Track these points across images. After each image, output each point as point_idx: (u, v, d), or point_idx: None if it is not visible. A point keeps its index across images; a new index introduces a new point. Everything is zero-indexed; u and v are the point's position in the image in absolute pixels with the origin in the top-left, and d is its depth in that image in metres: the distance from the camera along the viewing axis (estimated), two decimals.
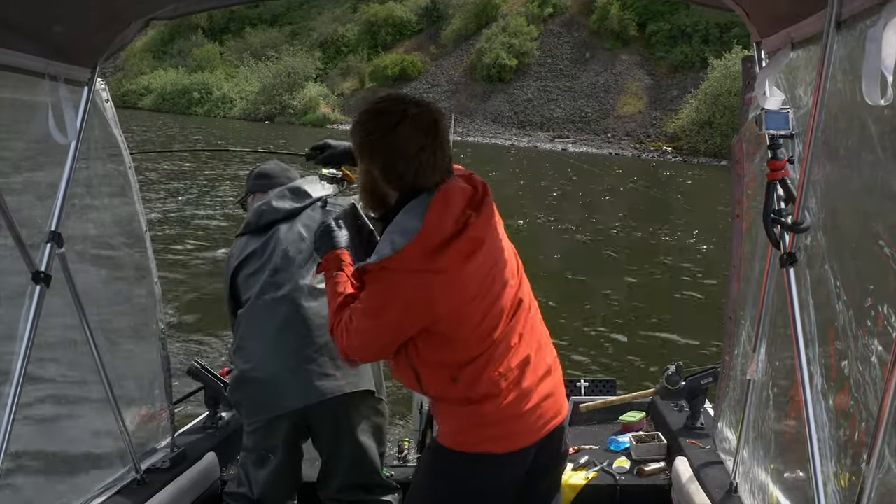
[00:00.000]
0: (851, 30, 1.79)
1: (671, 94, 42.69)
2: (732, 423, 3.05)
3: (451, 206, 1.96)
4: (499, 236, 2.10)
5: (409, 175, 1.97)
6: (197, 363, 3.63)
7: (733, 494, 2.83)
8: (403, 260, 1.90)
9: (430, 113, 1.99)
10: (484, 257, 2.00)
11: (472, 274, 1.97)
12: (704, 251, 14.78)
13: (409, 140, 1.94)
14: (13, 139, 2.63)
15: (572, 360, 8.36)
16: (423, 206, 1.95)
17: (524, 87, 49.19)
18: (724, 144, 35.71)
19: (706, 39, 43.21)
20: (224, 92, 55.85)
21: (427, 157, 1.96)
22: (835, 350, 2.01)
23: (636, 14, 46.76)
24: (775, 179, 2.29)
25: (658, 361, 7.48)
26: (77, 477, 2.90)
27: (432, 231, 1.91)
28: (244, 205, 3.21)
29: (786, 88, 2.34)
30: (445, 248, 1.91)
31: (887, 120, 1.68)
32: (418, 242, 1.90)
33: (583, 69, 47.20)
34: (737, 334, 2.94)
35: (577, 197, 22.17)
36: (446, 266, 1.91)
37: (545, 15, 50.61)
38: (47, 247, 2.46)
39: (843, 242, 2.06)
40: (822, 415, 2.07)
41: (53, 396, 2.84)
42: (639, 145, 40.86)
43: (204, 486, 3.25)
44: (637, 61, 46.20)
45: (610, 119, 44.05)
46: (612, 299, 10.88)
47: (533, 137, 45.06)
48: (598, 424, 4.07)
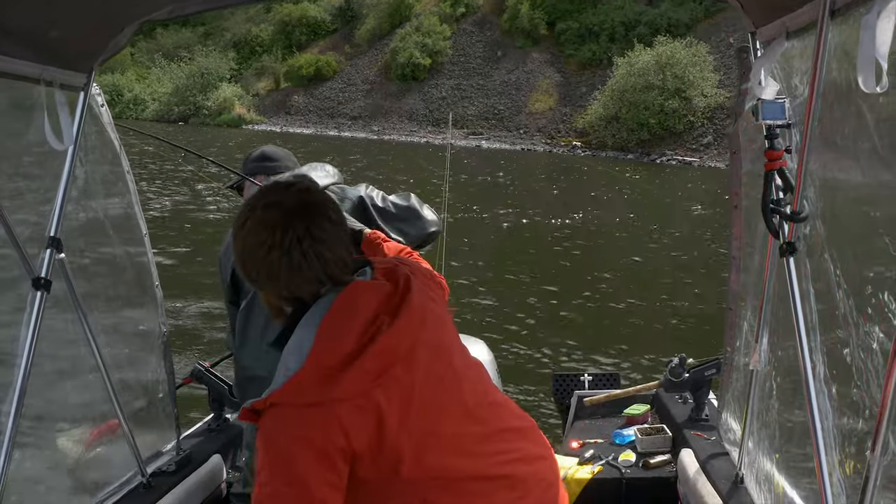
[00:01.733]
0: (846, 18, 1.79)
1: (580, 90, 44.42)
2: (737, 413, 3.05)
3: (357, 315, 1.57)
4: (430, 341, 1.67)
5: (272, 282, 1.63)
6: (200, 365, 3.63)
7: (739, 485, 2.83)
8: (295, 393, 1.51)
9: (288, 203, 1.61)
10: (407, 372, 1.58)
11: (390, 395, 1.55)
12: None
13: (253, 237, 1.60)
14: (10, 146, 2.63)
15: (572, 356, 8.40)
16: (319, 315, 1.57)
17: (438, 85, 50.67)
18: (630, 139, 38.28)
19: (612, 38, 45.10)
20: (135, 94, 55.80)
21: (278, 259, 1.58)
22: (836, 338, 2.01)
23: (546, 13, 48.54)
24: (773, 169, 2.29)
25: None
26: (83, 481, 2.90)
27: (327, 350, 1.52)
28: (240, 188, 3.14)
29: (781, 78, 2.33)
30: (345, 371, 1.51)
31: (883, 107, 1.68)
32: (310, 367, 1.51)
33: (495, 67, 48.78)
34: (738, 325, 2.94)
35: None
36: (348, 393, 1.51)
37: (458, 14, 52.08)
38: (47, 253, 2.46)
39: (842, 231, 2.05)
40: (826, 403, 2.07)
41: (57, 401, 2.84)
42: (550, 141, 42.63)
43: (210, 489, 3.26)
44: (547, 59, 47.95)
45: (522, 116, 45.66)
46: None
47: (448, 134, 45.70)
48: (602, 418, 4.07)
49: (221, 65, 56.23)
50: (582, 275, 12.60)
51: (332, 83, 54.68)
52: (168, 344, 3.25)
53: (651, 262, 13.82)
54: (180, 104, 54.04)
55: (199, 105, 53.83)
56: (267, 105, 55.19)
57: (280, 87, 55.86)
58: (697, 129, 38.74)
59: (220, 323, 8.33)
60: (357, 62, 55.32)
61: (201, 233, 14.55)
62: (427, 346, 1.65)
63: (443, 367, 1.67)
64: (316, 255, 1.60)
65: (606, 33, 45.64)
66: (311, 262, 1.59)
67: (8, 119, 2.63)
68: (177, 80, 55.22)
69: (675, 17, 43.86)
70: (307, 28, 58.02)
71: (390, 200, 2.98)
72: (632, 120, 38.52)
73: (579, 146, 40.67)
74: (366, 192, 2.95)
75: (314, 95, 54.95)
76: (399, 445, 1.54)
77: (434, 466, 1.59)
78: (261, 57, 58.03)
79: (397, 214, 2.96)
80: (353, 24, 57.32)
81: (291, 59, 56.04)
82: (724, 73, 39.12)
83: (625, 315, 10.15)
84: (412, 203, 3.01)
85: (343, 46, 56.69)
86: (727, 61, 39.57)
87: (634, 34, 42.44)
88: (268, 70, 57.03)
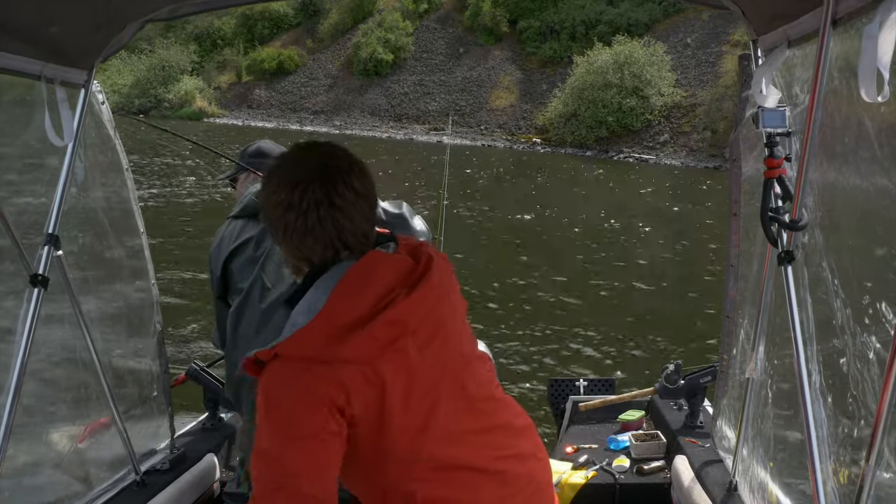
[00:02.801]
0: (847, 27, 1.79)
1: (541, 87, 44.79)
2: (731, 421, 3.05)
3: (373, 283, 1.56)
4: (444, 322, 1.66)
5: (287, 241, 1.62)
6: (196, 364, 3.62)
7: (733, 492, 2.83)
8: (301, 345, 1.51)
9: (311, 164, 1.62)
10: (416, 349, 1.57)
11: (397, 369, 1.54)
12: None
13: (274, 196, 1.60)
14: (10, 142, 2.63)
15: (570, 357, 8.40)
16: (333, 280, 1.57)
17: (400, 81, 50.95)
18: (588, 136, 38.86)
19: (573, 36, 45.78)
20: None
21: (293, 220, 1.58)
22: (833, 347, 2.01)
23: (507, 11, 49.00)
24: (772, 177, 2.29)
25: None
26: (77, 479, 2.89)
27: (338, 310, 1.53)
28: (234, 182, 3.12)
29: (782, 86, 2.34)
30: (353, 333, 1.51)
31: (884, 117, 1.68)
32: (319, 322, 1.52)
33: (457, 64, 49.09)
34: (735, 333, 2.94)
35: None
36: (354, 355, 1.50)
37: (420, 11, 52.41)
38: (45, 249, 2.46)
39: (841, 240, 2.06)
40: (821, 412, 2.07)
41: (52, 398, 2.84)
42: (510, 137, 43.03)
43: (203, 487, 3.26)
44: (508, 56, 48.35)
45: (483, 112, 46.02)
46: None
47: (409, 130, 47.03)
48: (597, 423, 4.07)
49: (182, 57, 56.09)
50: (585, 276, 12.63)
51: (295, 77, 54.92)
52: (163, 342, 3.25)
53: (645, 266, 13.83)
54: (141, 97, 53.82)
55: (160, 98, 53.77)
56: (229, 98, 55.34)
57: (242, 80, 55.90)
58: (654, 127, 39.41)
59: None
60: (319, 57, 55.57)
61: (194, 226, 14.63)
62: (439, 327, 1.64)
63: (451, 352, 1.66)
64: (332, 221, 1.58)
65: (567, 31, 46.31)
66: (325, 228, 1.58)
67: (8, 115, 2.63)
68: (137, 73, 55.00)
69: (634, 17, 44.67)
70: (270, 22, 57.95)
71: (383, 207, 2.98)
72: (590, 117, 39.02)
73: (539, 143, 41.08)
74: None
75: (276, 89, 55.18)
76: (396, 422, 1.54)
77: (427, 450, 1.58)
78: (222, 50, 57.92)
79: (388, 222, 2.96)
80: (316, 19, 57.33)
81: (254, 52, 56.08)
82: (681, 72, 40.04)
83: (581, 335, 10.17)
84: (403, 212, 3.01)
85: (306, 41, 56.87)
86: (684, 61, 40.76)
87: (595, 33, 43.21)
88: (230, 63, 56.96)
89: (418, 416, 1.57)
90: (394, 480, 1.59)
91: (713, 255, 14.29)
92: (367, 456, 1.57)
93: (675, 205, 21.83)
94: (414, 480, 1.58)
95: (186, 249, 12.74)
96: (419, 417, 1.57)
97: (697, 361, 3.90)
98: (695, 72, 41.77)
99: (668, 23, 44.19)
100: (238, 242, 2.78)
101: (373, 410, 1.52)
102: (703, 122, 38.66)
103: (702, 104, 39.47)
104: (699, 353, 7.98)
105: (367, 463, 1.58)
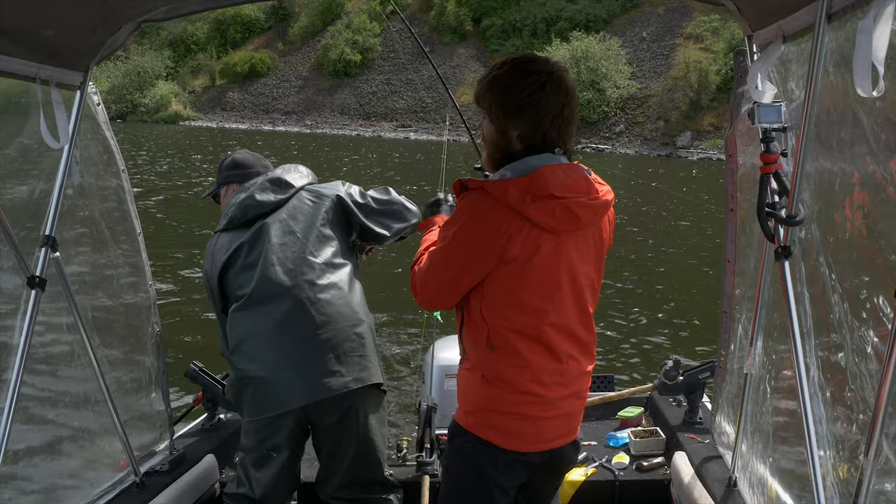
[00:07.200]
0: (842, 22, 1.80)
1: None
2: (730, 417, 3.05)
3: (572, 178, 1.98)
4: (597, 241, 2.09)
5: (551, 133, 2.00)
6: (195, 365, 3.62)
7: (732, 488, 2.83)
8: (503, 191, 1.90)
9: (564, 72, 2.04)
10: (574, 241, 2.00)
11: (555, 246, 1.97)
12: None
13: (553, 98, 1.98)
14: (5, 144, 2.63)
15: None
16: (544, 160, 1.98)
17: (369, 80, 52.83)
18: None
19: (535, 33, 47.73)
20: None
21: (568, 114, 2.01)
22: (831, 342, 2.01)
23: (471, 10, 50.86)
24: (769, 173, 2.29)
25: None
26: (76, 480, 2.89)
27: (541, 180, 1.92)
28: (216, 197, 3.14)
29: (778, 82, 2.34)
30: (543, 201, 1.91)
31: (879, 112, 1.68)
32: (523, 182, 1.91)
33: (423, 62, 50.26)
34: (732, 329, 2.94)
35: None
36: (536, 216, 1.91)
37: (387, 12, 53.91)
38: (42, 251, 2.46)
39: (838, 234, 2.06)
40: (820, 407, 2.07)
41: (51, 400, 2.84)
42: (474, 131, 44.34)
43: (203, 488, 3.25)
44: (473, 54, 50.12)
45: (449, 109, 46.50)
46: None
47: (377, 127, 48.88)
48: (596, 420, 4.08)
49: (157, 63, 57.09)
50: None
51: (267, 80, 56.31)
52: (161, 343, 3.25)
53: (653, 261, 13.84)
54: (117, 102, 54.58)
55: (136, 103, 54.84)
56: (203, 102, 56.59)
57: (216, 83, 57.10)
58: (611, 118, 40.76)
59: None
60: (290, 59, 56.92)
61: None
62: (592, 247, 2.07)
63: (585, 273, 2.07)
64: (563, 120, 2.00)
65: (529, 29, 47.94)
66: (560, 123, 2.00)
67: (3, 117, 2.62)
68: (113, 79, 55.70)
69: (593, 13, 45.91)
70: (242, 26, 59.12)
71: (370, 196, 3.00)
72: None
73: None
74: (344, 189, 2.95)
75: (249, 92, 56.20)
76: (535, 282, 1.97)
77: (522, 321, 1.99)
78: (196, 55, 58.97)
79: (379, 209, 2.98)
80: (286, 22, 58.66)
81: (226, 56, 57.28)
82: (636, 65, 41.20)
83: None
84: (392, 196, 3.03)
85: (277, 44, 58.24)
86: (640, 54, 41.94)
87: (555, 29, 44.72)
88: (203, 68, 58.13)
89: (537, 294, 1.99)
90: (513, 326, 2.00)
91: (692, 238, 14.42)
92: (508, 292, 1.98)
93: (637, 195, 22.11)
94: (526, 336, 2.01)
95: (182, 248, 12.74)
96: (538, 296, 1.99)
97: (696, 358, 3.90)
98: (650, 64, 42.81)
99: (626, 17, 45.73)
100: (230, 252, 2.81)
101: (525, 262, 1.94)
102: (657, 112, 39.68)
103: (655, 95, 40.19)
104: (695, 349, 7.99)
105: (503, 299, 1.98)
